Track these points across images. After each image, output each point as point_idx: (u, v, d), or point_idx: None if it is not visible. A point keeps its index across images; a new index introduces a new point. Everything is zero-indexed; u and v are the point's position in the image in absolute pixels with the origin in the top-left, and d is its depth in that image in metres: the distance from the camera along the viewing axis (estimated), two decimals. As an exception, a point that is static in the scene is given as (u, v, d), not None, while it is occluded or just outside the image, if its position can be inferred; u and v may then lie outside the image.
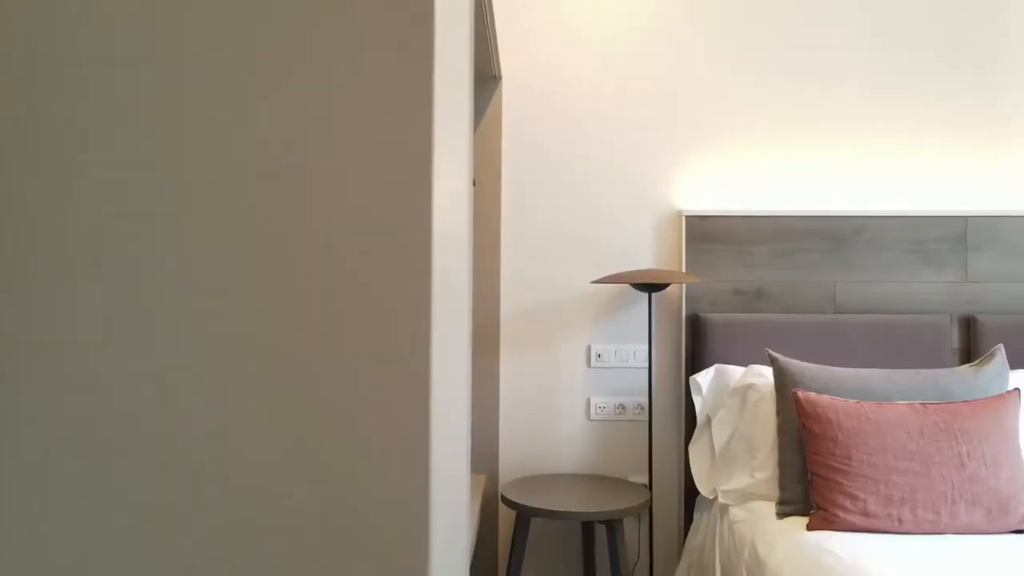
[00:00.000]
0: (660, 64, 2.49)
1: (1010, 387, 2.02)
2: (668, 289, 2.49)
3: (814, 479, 1.76)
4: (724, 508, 2.05)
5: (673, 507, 2.47)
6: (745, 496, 2.01)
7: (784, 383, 1.93)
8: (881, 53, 2.48)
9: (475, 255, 2.45)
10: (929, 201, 2.48)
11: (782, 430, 1.90)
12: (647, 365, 2.48)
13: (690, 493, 2.40)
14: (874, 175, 2.49)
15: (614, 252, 2.50)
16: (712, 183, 2.50)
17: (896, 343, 2.36)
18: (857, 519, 1.68)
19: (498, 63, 2.35)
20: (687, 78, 2.49)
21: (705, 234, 2.44)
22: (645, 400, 2.48)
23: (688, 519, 2.39)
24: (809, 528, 1.72)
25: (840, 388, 1.88)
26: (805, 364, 1.96)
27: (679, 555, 2.46)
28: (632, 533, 2.47)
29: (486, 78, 2.45)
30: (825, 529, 1.70)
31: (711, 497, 2.13)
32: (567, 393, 2.49)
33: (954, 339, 2.41)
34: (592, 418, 2.49)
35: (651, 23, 2.49)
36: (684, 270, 2.43)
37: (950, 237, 2.43)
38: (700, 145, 2.50)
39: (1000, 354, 1.97)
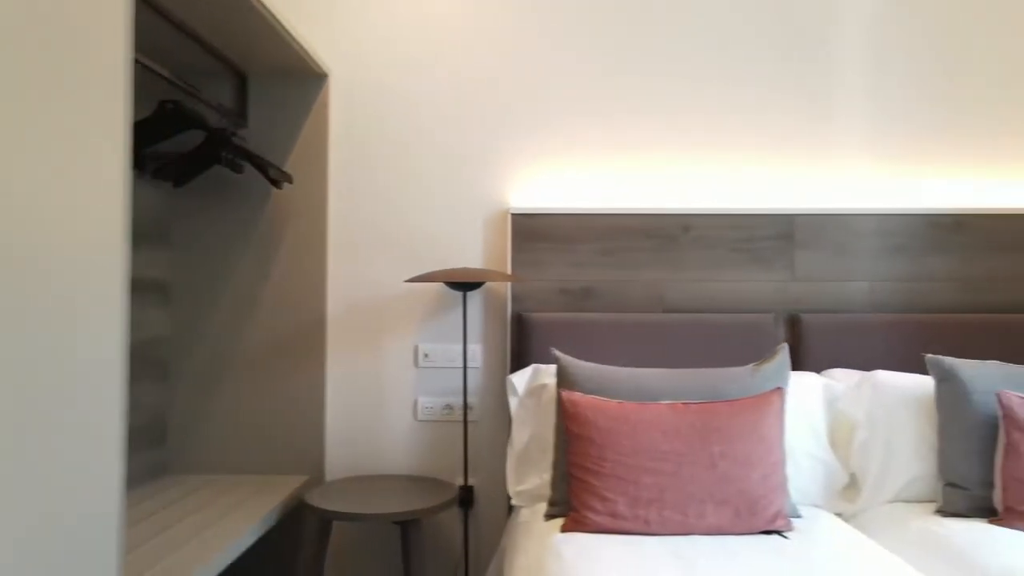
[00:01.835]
0: (491, 62, 2.47)
1: (790, 387, 1.99)
2: (495, 288, 2.46)
3: (572, 480, 1.73)
4: (517, 510, 2.03)
5: (499, 509, 2.45)
6: (535, 497, 1.99)
7: (563, 383, 1.90)
8: (710, 52, 2.46)
9: (298, 253, 2.43)
10: (757, 199, 2.46)
11: (558, 430, 1.88)
12: (474, 365, 2.46)
13: (514, 494, 2.38)
14: (702, 173, 2.46)
15: (442, 250, 2.47)
16: (542, 181, 2.47)
17: (723, 342, 2.34)
18: (606, 521, 1.66)
19: (319, 60, 2.33)
20: (519, 76, 2.47)
21: (532, 232, 2.41)
22: (473, 400, 2.45)
23: (511, 520, 2.37)
24: (562, 530, 1.69)
25: (615, 388, 1.85)
26: (585, 364, 1.94)
27: (505, 557, 2.43)
28: (458, 535, 2.44)
29: (307, 76, 2.42)
30: (576, 531, 1.68)
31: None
32: (394, 393, 2.47)
33: (780, 338, 2.39)
34: (419, 418, 2.46)
35: (483, 20, 2.47)
36: (510, 268, 2.40)
37: (777, 235, 2.40)
38: (531, 143, 2.47)
39: (782, 354, 1.95)
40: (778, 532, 1.67)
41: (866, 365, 2.30)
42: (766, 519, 1.66)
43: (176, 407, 2.41)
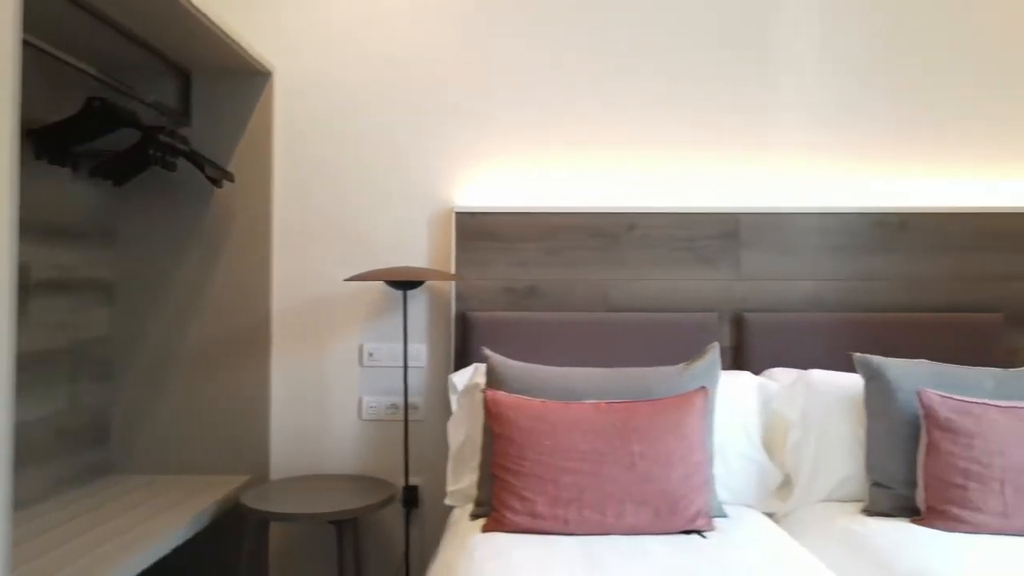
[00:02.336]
0: (437, 60, 2.46)
1: (724, 387, 1.99)
2: (440, 287, 2.45)
3: (494, 480, 1.73)
4: (451, 509, 2.02)
5: (444, 509, 2.44)
6: (467, 497, 1.98)
7: (492, 382, 1.90)
8: (656, 51, 2.45)
9: (242, 252, 2.42)
10: (702, 198, 2.45)
11: (485, 430, 1.87)
12: (419, 364, 2.45)
13: (457, 494, 2.37)
14: (647, 172, 2.46)
15: (388, 249, 2.47)
16: (487, 180, 2.46)
17: (667, 342, 2.33)
18: (525, 520, 1.65)
19: (261, 58, 2.32)
20: (465, 74, 2.46)
21: (476, 231, 2.40)
22: (418, 399, 2.45)
23: (454, 520, 2.36)
24: (483, 530, 1.69)
25: (542, 387, 1.85)
26: (513, 363, 1.93)
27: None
28: (402, 535, 2.43)
29: (250, 74, 2.41)
30: (497, 531, 1.67)
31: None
32: (339, 393, 2.46)
33: (725, 337, 2.39)
34: (364, 418, 2.46)
35: (428, 18, 2.46)
36: (454, 267, 2.40)
37: (722, 234, 2.40)
38: (476, 141, 2.46)
39: (712, 353, 1.94)
40: (698, 532, 1.66)
41: (810, 364, 2.29)
42: (686, 519, 1.65)
43: (120, 407, 2.40)
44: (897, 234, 2.39)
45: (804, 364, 2.29)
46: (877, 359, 1.88)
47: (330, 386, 2.46)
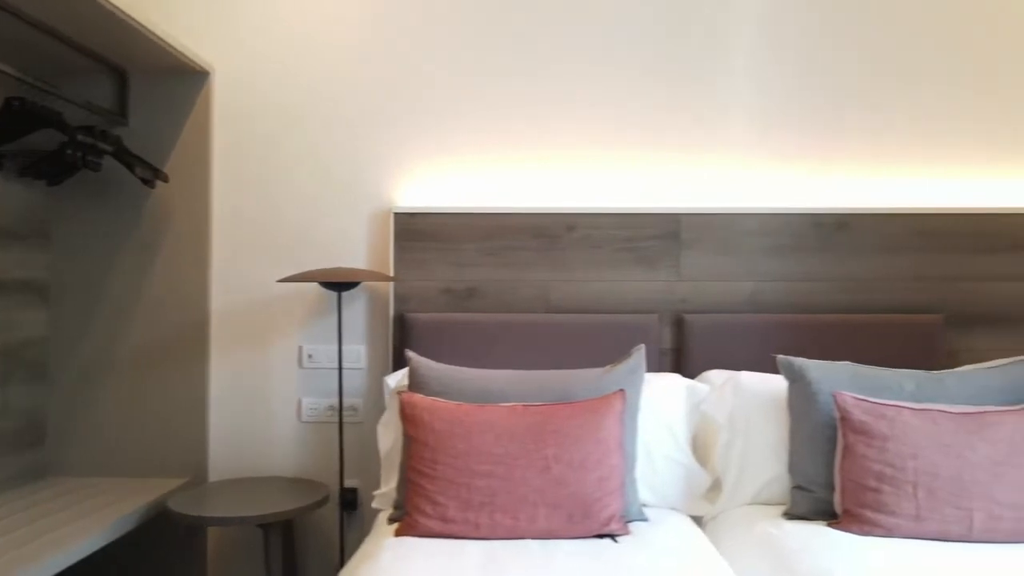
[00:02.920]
0: (378, 58, 2.44)
1: (651, 389, 1.98)
2: (379, 288, 2.44)
3: (408, 484, 1.72)
4: (376, 512, 2.01)
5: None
6: (391, 501, 1.96)
7: (413, 384, 1.88)
8: (596, 50, 2.43)
9: (180, 252, 2.40)
10: (643, 198, 2.44)
11: (404, 433, 1.86)
12: (359, 366, 2.44)
13: (395, 496, 2.35)
14: (588, 172, 2.44)
15: (328, 249, 2.45)
16: (427, 180, 2.45)
17: (608, 343, 2.32)
18: (436, 524, 1.64)
19: (197, 58, 2.30)
20: (405, 73, 2.44)
21: (415, 232, 2.39)
22: (358, 401, 2.44)
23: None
24: (396, 534, 1.68)
25: (462, 390, 1.84)
26: (435, 365, 1.92)
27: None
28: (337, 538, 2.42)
29: (187, 73, 2.39)
30: (409, 535, 1.66)
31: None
32: (279, 394, 2.45)
33: (665, 339, 2.38)
34: (303, 419, 2.44)
35: (368, 17, 2.44)
36: (393, 268, 2.38)
37: (663, 235, 2.38)
38: (417, 142, 2.45)
39: (637, 355, 1.93)
40: (611, 536, 1.65)
41: (750, 366, 2.28)
42: (600, 522, 1.64)
43: (56, 408, 2.38)
44: (837, 235, 2.37)
45: (744, 366, 2.27)
46: (799, 361, 1.87)
47: (269, 388, 2.45)
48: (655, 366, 2.31)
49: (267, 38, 2.45)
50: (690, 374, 2.30)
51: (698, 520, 1.96)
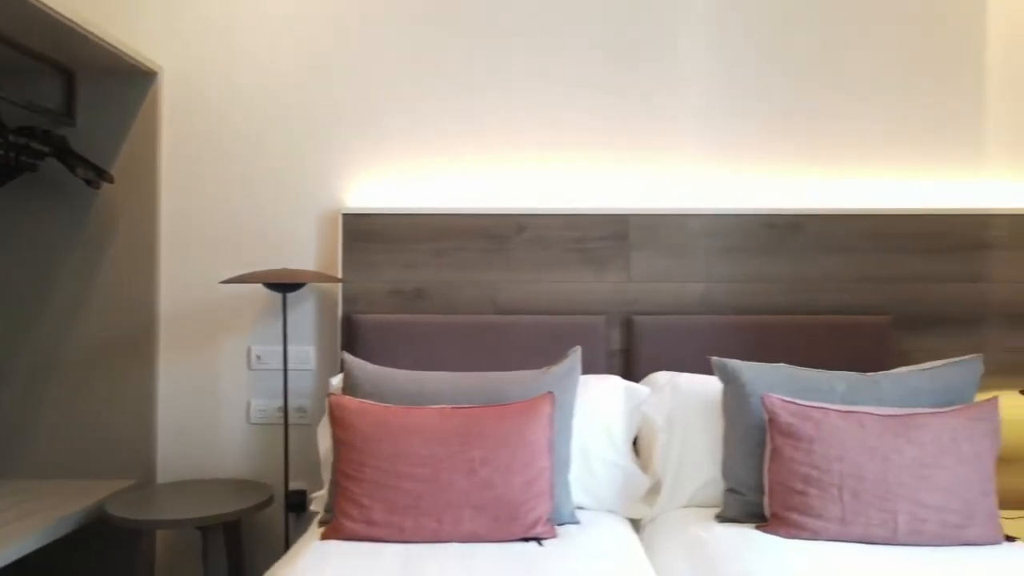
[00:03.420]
0: (328, 60, 2.43)
1: (588, 390, 1.97)
2: (328, 289, 2.43)
3: (336, 487, 1.71)
4: (313, 515, 2.00)
5: (332, 512, 2.42)
6: (324, 503, 1.95)
7: (347, 386, 1.87)
8: (546, 51, 2.42)
9: (128, 253, 2.39)
10: (593, 199, 2.43)
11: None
12: (308, 367, 2.43)
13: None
14: (537, 173, 2.43)
15: (277, 250, 2.44)
16: (378, 181, 2.44)
17: (556, 345, 2.31)
18: (361, 528, 1.63)
19: (143, 58, 2.29)
20: (355, 75, 2.43)
21: (363, 233, 2.38)
22: (307, 402, 2.43)
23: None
24: (322, 537, 1.66)
25: (396, 391, 1.83)
26: (370, 367, 1.91)
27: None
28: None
29: (134, 73, 2.37)
30: (334, 538, 1.65)
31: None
32: (228, 396, 2.44)
33: (614, 340, 2.36)
34: (252, 421, 2.43)
35: (317, 20, 2.43)
36: (341, 269, 2.37)
37: (613, 236, 2.37)
38: (367, 144, 2.44)
39: (573, 357, 1.92)
40: (537, 539, 1.64)
41: (700, 367, 2.25)
42: (526, 525, 1.63)
43: (1, 411, 2.37)
44: (787, 236, 2.36)
45: (694, 367, 2.25)
46: (732, 363, 1.86)
47: (218, 389, 2.44)
48: (604, 368, 2.30)
49: (216, 38, 2.43)
50: (639, 376, 2.29)
51: (637, 523, 1.95)
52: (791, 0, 2.41)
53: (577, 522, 1.78)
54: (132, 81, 2.39)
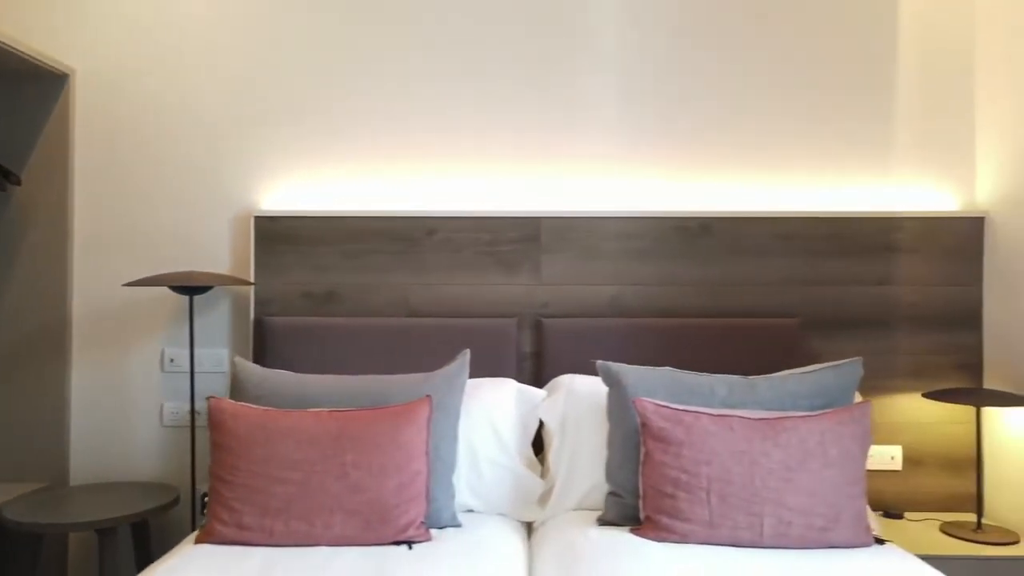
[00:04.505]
0: (243, 62, 2.43)
1: (479, 392, 1.97)
2: (241, 291, 2.43)
3: (212, 491, 1.70)
4: (210, 518, 2.00)
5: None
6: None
7: (235, 390, 1.87)
8: (458, 53, 2.42)
9: (38, 255, 2.39)
10: (503, 201, 2.43)
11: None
12: (222, 370, 2.42)
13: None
14: (448, 175, 2.43)
15: (190, 253, 2.44)
16: (290, 184, 2.44)
17: (468, 347, 2.30)
18: (232, 532, 1.63)
19: (54, 60, 2.29)
20: (268, 78, 2.43)
21: (275, 235, 2.38)
22: (220, 405, 2.42)
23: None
24: (196, 541, 1.67)
25: (279, 395, 1.83)
26: (257, 370, 1.91)
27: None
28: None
29: (45, 75, 2.37)
30: (206, 542, 1.65)
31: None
32: (141, 398, 2.44)
33: (525, 343, 2.37)
34: (165, 424, 2.43)
35: (233, 22, 2.43)
36: (253, 272, 2.37)
37: (523, 238, 2.38)
38: (281, 147, 2.44)
39: (460, 360, 1.92)
40: (408, 543, 1.64)
41: (610, 370, 2.27)
42: (397, 529, 1.63)
43: (-87, 413, 2.37)
44: (699, 238, 2.37)
45: (603, 369, 2.27)
46: (616, 366, 1.86)
47: (132, 391, 2.44)
48: (515, 370, 2.31)
49: (130, 40, 2.43)
50: (548, 378, 2.29)
51: (531, 526, 1.96)
52: (698, 6, 2.41)
53: (459, 525, 1.78)
54: (43, 83, 2.39)
